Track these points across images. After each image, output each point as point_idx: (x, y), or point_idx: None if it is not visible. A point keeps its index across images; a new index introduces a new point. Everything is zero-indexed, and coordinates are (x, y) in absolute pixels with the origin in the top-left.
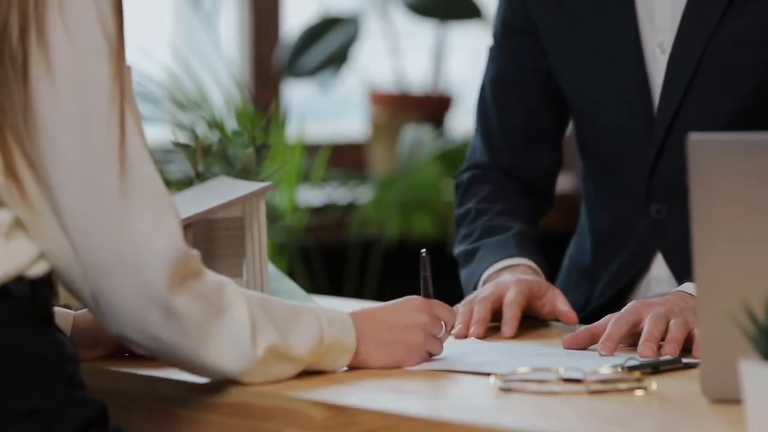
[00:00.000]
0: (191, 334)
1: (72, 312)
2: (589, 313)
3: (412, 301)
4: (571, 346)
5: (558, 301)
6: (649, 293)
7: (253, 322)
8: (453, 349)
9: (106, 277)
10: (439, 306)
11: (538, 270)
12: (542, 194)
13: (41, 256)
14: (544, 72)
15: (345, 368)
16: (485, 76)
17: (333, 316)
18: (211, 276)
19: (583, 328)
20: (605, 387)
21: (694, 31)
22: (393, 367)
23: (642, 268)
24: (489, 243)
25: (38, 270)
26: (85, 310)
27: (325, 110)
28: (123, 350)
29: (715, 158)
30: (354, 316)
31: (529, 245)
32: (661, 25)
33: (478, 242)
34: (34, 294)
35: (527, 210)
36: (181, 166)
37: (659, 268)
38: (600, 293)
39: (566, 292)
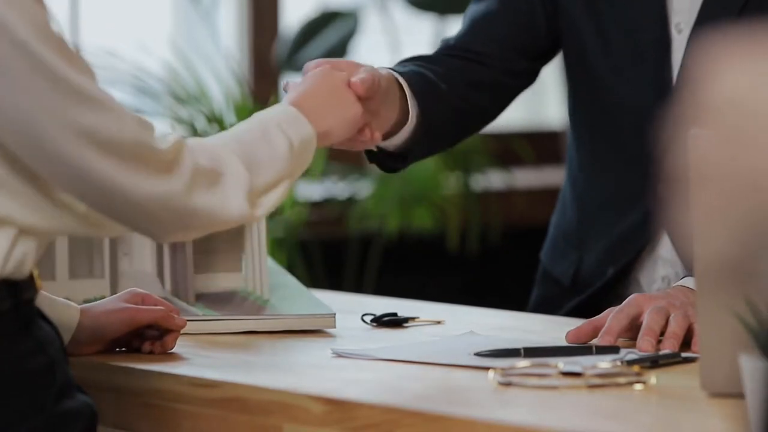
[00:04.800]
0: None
1: (77, 306)
2: (595, 293)
3: (320, 71)
4: (574, 340)
5: (355, 73)
6: (655, 274)
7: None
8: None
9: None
10: (340, 62)
11: (397, 76)
12: (492, 90)
13: (16, 238)
14: (549, 14)
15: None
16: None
17: (289, 119)
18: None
19: (585, 321)
20: (604, 381)
21: (717, 14)
22: (347, 128)
23: (646, 245)
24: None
25: (23, 269)
26: (87, 304)
27: None
28: (121, 345)
29: (715, 153)
30: (295, 104)
31: (408, 72)
32: (678, 5)
33: None
34: (18, 301)
35: (453, 76)
36: None
37: (666, 248)
38: (597, 266)
39: (554, 260)
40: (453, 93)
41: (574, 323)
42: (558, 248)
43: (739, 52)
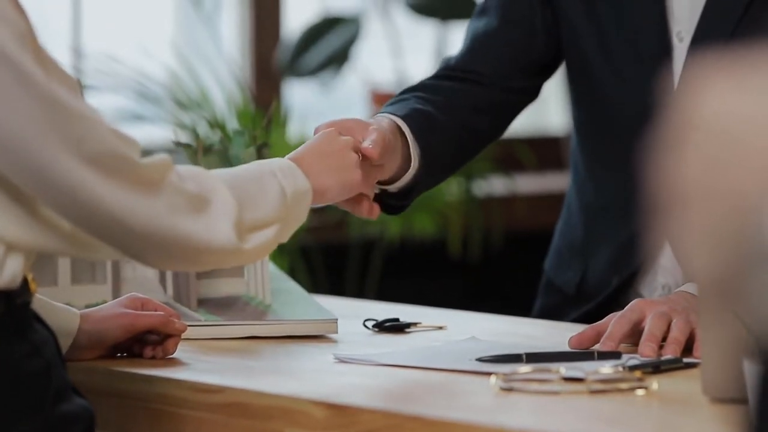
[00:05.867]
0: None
1: (77, 311)
2: (599, 303)
3: (325, 133)
4: (576, 345)
5: (364, 138)
6: (655, 282)
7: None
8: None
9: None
10: (348, 123)
11: (398, 121)
12: (492, 112)
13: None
14: (549, 25)
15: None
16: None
17: (285, 169)
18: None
19: (588, 327)
20: (606, 387)
21: (716, 23)
22: (344, 190)
23: (649, 253)
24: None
25: (14, 282)
26: (87, 310)
27: (326, 110)
28: (122, 350)
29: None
30: (294, 160)
31: (409, 112)
32: (679, 13)
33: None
34: (12, 306)
35: (453, 105)
36: None
37: (666, 257)
38: (602, 275)
39: (558, 269)
40: (454, 123)
41: (575, 329)
42: (563, 257)
43: (729, 71)
